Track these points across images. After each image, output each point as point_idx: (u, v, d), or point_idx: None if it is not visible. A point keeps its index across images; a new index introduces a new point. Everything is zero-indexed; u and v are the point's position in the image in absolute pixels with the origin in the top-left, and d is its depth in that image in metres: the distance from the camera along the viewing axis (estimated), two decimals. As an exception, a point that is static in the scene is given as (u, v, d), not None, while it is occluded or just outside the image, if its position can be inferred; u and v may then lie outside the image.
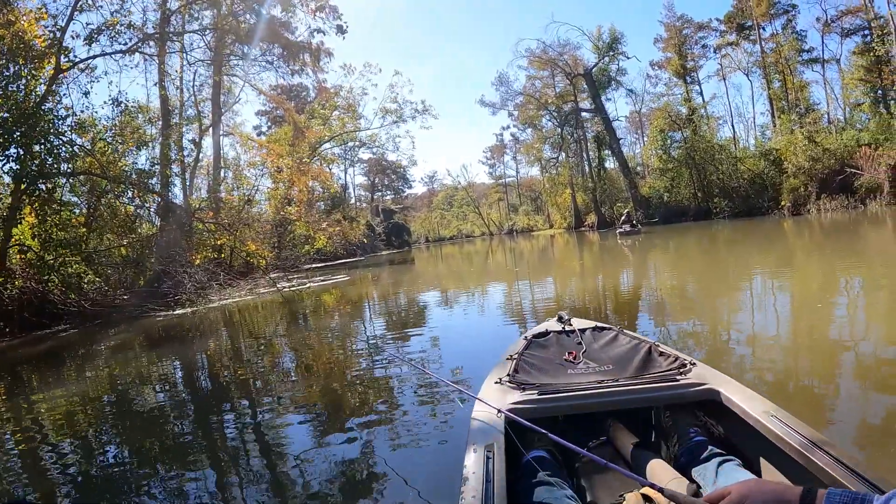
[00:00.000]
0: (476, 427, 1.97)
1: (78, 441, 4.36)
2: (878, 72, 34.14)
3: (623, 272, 13.49)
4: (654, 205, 42.37)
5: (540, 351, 2.74)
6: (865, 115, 35.12)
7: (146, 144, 15.16)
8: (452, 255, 35.07)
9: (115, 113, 14.49)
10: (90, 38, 13.91)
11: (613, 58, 47.85)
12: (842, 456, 1.48)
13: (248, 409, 4.87)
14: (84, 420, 5.02)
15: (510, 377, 2.38)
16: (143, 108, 16.50)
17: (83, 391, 6.28)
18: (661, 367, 2.37)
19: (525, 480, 1.80)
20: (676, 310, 7.30)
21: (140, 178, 14.09)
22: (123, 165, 14.23)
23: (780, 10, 40.10)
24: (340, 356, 6.86)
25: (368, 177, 71.45)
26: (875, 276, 8.11)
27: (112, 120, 14.50)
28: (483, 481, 1.58)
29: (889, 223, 18.09)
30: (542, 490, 1.72)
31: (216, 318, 12.14)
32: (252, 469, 3.45)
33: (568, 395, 2.15)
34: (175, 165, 20.40)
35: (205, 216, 16.14)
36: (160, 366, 7.53)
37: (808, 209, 28.43)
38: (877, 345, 4.60)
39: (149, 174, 14.68)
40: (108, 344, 9.90)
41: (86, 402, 5.70)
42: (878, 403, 3.26)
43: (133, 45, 15.41)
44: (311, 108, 38.94)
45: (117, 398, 5.82)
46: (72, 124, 13.29)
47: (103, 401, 5.77)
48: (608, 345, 2.72)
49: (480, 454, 1.73)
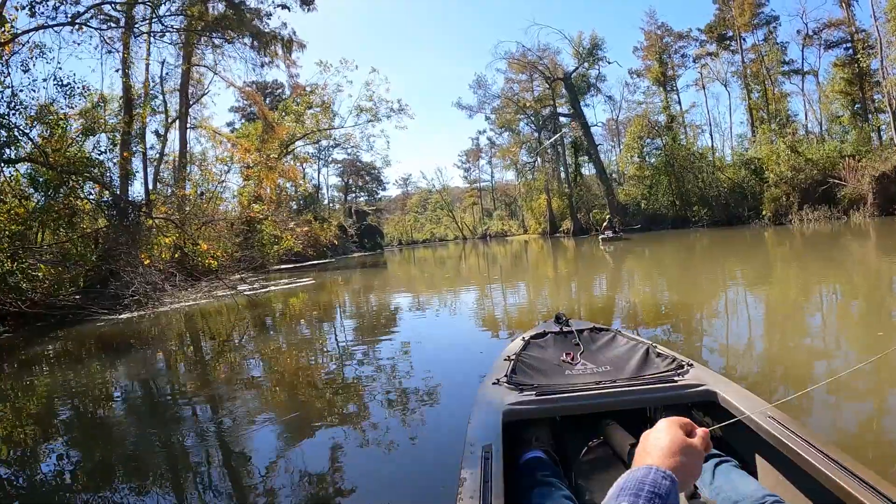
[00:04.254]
0: (473, 427, 1.96)
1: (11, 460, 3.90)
2: (859, 84, 34.18)
3: (628, 283, 12.70)
4: (630, 212, 41.98)
5: (538, 352, 2.74)
6: (843, 127, 35.30)
7: (93, 132, 13.73)
8: (426, 259, 34.52)
9: (58, 94, 13.14)
10: (31, 6, 12.54)
11: (593, 63, 47.60)
12: (837, 456, 1.47)
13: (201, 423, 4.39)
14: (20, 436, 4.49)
15: (508, 378, 2.38)
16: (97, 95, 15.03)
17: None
18: (658, 368, 2.39)
19: (523, 481, 1.81)
20: (696, 324, 6.54)
21: (83, 167, 12.77)
22: (69, 154, 12.87)
23: (762, 20, 40.19)
24: (312, 365, 6.32)
25: (342, 177, 70.25)
26: (855, 287, 8.14)
27: (56, 102, 13.15)
28: (481, 482, 1.57)
29: (872, 235, 17.87)
30: (540, 490, 1.71)
31: (167, 323, 10.98)
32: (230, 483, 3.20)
33: (565, 396, 2.16)
34: (136, 158, 19.24)
35: (157, 211, 14.86)
36: (94, 379, 6.46)
37: (790, 219, 28.21)
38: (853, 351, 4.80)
39: (93, 163, 13.34)
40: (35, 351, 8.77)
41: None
42: (850, 409, 3.34)
43: (79, 15, 14.02)
44: (285, 105, 37.77)
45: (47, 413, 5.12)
46: (10, 104, 11.99)
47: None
48: (606, 346, 2.73)
49: (478, 455, 1.73)
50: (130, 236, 13.20)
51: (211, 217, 17.77)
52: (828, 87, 36.97)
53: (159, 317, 11.63)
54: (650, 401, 2.15)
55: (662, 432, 0.95)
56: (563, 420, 2.33)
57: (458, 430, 2.15)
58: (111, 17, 17.32)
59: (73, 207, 12.76)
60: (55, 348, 9.17)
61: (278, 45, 25.36)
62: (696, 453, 0.94)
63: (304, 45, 27.66)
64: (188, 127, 25.83)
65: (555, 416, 2.28)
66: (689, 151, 40.62)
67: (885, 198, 24.27)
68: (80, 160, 12.88)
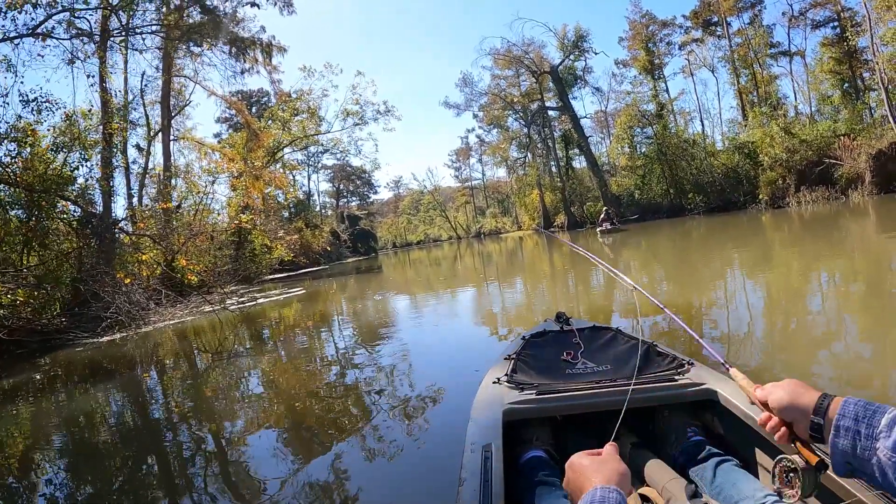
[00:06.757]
0: (474, 427, 1.96)
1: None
2: (848, 63, 33.89)
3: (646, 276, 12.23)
4: (624, 203, 41.66)
5: (538, 351, 2.73)
6: (835, 106, 35.05)
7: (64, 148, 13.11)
8: (421, 261, 34.17)
9: (25, 111, 12.56)
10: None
11: (580, 55, 47.29)
12: None
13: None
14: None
15: (508, 377, 2.39)
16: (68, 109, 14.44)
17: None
18: (659, 367, 2.37)
19: (523, 480, 1.80)
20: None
21: (55, 185, 12.19)
22: (39, 172, 12.29)
23: (747, 3, 39.95)
24: (308, 376, 5.94)
25: (333, 183, 69.92)
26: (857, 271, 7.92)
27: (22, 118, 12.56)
28: (481, 481, 1.56)
29: (872, 214, 17.58)
30: (541, 490, 1.71)
31: (151, 343, 10.45)
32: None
33: (566, 395, 2.15)
34: (118, 173, 18.72)
35: (140, 227, 14.31)
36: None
37: (788, 202, 27.80)
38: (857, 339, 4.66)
39: (65, 179, 12.74)
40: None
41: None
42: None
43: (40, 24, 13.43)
44: (271, 111, 37.29)
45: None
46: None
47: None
48: (606, 345, 2.71)
49: (478, 454, 1.72)
50: (105, 255, 12.63)
51: (193, 230, 17.16)
52: (816, 68, 36.84)
53: (145, 337, 11.13)
54: (651, 400, 2.12)
55: (579, 462, 1.06)
56: (563, 419, 2.32)
57: (459, 430, 2.11)
58: (81, 29, 16.76)
59: (45, 228, 12.20)
60: (38, 377, 8.63)
61: (257, 50, 24.90)
62: (613, 459, 1.05)
63: (284, 50, 27.30)
64: (171, 139, 25.39)
65: (555, 416, 2.26)
66: (681, 139, 40.39)
67: (883, 175, 23.90)
68: (51, 178, 12.32)
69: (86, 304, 12.27)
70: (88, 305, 12.22)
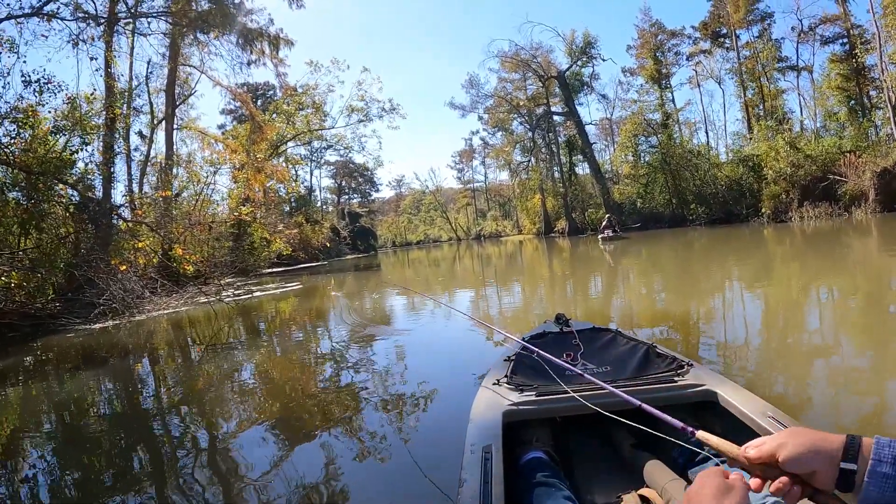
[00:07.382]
0: (474, 428, 1.96)
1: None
2: (855, 80, 33.82)
3: (644, 286, 12.15)
4: (626, 211, 41.57)
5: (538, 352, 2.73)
6: (840, 123, 34.97)
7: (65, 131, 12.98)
8: (420, 261, 34.03)
9: (27, 92, 12.42)
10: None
11: (587, 62, 47.19)
12: None
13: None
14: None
15: (508, 378, 2.40)
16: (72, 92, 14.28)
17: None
18: (658, 368, 2.39)
19: (523, 481, 1.79)
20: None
21: (54, 168, 12.05)
22: (38, 154, 12.16)
23: (757, 17, 39.87)
24: (303, 373, 5.71)
25: (335, 179, 69.70)
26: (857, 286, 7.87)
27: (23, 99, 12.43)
28: (481, 483, 1.56)
29: (875, 232, 17.44)
30: (541, 491, 1.71)
31: (144, 331, 10.33)
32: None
33: (566, 397, 2.13)
34: (119, 159, 18.57)
35: (139, 214, 14.18)
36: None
37: (791, 216, 27.72)
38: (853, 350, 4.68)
39: (65, 163, 12.60)
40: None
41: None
42: (850, 407, 3.27)
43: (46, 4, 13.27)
44: (276, 105, 37.18)
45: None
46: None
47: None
48: (606, 346, 2.73)
49: (478, 455, 1.72)
50: (101, 241, 12.49)
51: (191, 220, 17.02)
52: (824, 84, 36.73)
53: (138, 325, 11.01)
54: (650, 401, 1.99)
55: (703, 486, 0.97)
56: (563, 420, 2.32)
57: (458, 431, 2.09)
58: (87, 12, 16.59)
59: (43, 211, 12.06)
60: (29, 361, 8.54)
61: (265, 42, 24.76)
62: (738, 494, 0.95)
63: (292, 43, 27.09)
64: (174, 128, 25.23)
65: (555, 417, 2.26)
66: (686, 149, 40.32)
67: (887, 194, 23.79)
68: (50, 160, 12.19)
69: (80, 290, 12.15)
70: (83, 291, 12.11)
